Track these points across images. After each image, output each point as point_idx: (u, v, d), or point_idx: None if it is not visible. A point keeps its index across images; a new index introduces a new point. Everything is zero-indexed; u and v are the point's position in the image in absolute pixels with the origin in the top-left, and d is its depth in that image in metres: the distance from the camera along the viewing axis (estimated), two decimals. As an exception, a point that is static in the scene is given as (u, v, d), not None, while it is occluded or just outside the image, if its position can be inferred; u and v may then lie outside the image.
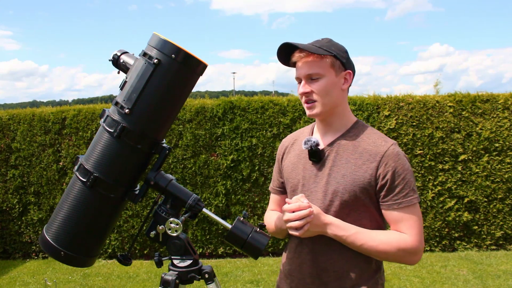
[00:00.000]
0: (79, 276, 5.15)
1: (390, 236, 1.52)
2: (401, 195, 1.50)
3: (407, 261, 1.54)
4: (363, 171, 1.52)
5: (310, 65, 1.54)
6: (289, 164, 1.70)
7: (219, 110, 5.66)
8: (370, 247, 1.50)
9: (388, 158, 1.51)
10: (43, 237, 1.52)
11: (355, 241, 1.50)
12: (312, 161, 1.61)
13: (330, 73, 1.55)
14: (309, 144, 1.59)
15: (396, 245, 1.49)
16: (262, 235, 1.47)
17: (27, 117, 5.97)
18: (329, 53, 1.54)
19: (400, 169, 1.51)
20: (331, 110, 1.58)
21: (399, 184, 1.50)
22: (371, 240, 1.50)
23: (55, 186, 5.90)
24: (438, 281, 4.72)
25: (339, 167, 1.56)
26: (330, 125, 1.62)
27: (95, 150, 1.45)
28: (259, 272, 5.12)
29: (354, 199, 1.52)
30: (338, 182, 1.54)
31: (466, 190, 5.65)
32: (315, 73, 1.54)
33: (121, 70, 1.55)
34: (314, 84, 1.55)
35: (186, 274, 1.49)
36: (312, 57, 1.54)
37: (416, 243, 1.50)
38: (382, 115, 5.67)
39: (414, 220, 1.52)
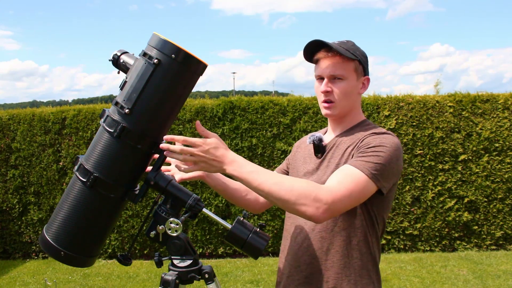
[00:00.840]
0: (79, 276, 5.15)
1: (296, 181, 1.37)
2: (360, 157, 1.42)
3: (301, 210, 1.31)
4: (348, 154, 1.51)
5: (336, 66, 1.56)
6: (300, 157, 1.73)
7: (219, 110, 5.66)
8: (264, 188, 1.33)
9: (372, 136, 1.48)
10: (43, 237, 1.52)
11: (252, 182, 1.34)
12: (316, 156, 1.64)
13: (352, 77, 1.58)
14: (312, 139, 1.62)
15: (303, 187, 1.33)
16: (262, 235, 1.47)
17: (27, 117, 5.97)
18: (355, 57, 1.56)
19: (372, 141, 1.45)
20: (346, 112, 1.61)
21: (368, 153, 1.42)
22: (266, 181, 1.33)
23: (55, 186, 5.90)
24: (438, 281, 4.72)
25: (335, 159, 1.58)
26: (339, 125, 1.65)
27: (95, 150, 1.45)
28: (259, 272, 5.12)
29: None
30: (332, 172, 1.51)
31: (466, 190, 5.65)
32: (340, 74, 1.56)
33: (121, 70, 1.54)
34: (336, 84, 1.57)
35: (186, 274, 1.49)
36: (339, 58, 1.56)
37: (329, 191, 1.32)
38: (382, 115, 5.67)
39: (347, 178, 1.36)
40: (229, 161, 1.37)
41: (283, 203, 1.34)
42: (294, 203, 1.31)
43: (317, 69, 1.62)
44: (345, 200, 1.35)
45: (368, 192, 1.40)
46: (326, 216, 1.32)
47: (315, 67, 1.65)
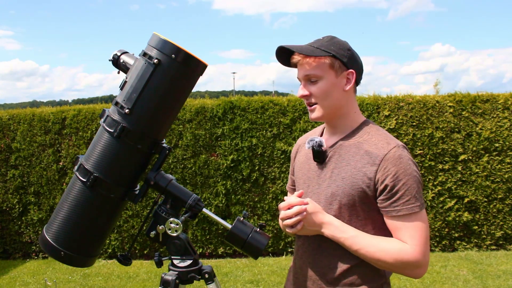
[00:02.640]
0: (79, 276, 5.15)
1: (391, 245, 1.42)
2: (400, 201, 1.40)
3: (408, 274, 1.44)
4: (362, 174, 1.44)
5: (307, 67, 1.49)
6: (299, 163, 1.67)
7: (219, 110, 5.66)
8: (367, 253, 1.42)
9: (387, 162, 1.42)
10: (43, 237, 1.52)
11: (352, 246, 1.43)
12: (316, 162, 1.57)
13: (329, 74, 1.48)
14: (311, 144, 1.54)
15: (395, 256, 1.40)
16: (262, 235, 1.47)
17: (27, 117, 5.97)
18: (327, 54, 1.46)
19: (401, 174, 1.40)
20: (333, 112, 1.52)
21: (399, 190, 1.40)
22: (369, 246, 1.42)
23: (55, 186, 5.90)
24: (438, 281, 4.72)
25: (339, 169, 1.50)
26: (335, 127, 1.56)
27: (95, 150, 1.45)
28: (259, 272, 5.12)
29: (352, 203, 1.46)
30: (337, 185, 1.48)
31: (466, 190, 5.65)
32: (313, 75, 1.48)
33: (121, 70, 1.55)
34: (313, 86, 1.49)
35: (186, 274, 1.49)
36: (309, 59, 1.48)
37: (417, 255, 1.39)
38: (382, 115, 5.67)
39: (416, 229, 1.40)
40: (325, 224, 1.45)
41: (385, 268, 1.47)
42: (398, 271, 1.45)
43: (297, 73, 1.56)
44: (428, 246, 1.44)
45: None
46: (425, 271, 1.45)
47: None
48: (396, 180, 1.40)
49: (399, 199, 1.40)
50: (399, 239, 1.43)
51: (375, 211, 1.47)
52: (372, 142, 1.49)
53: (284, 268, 5.21)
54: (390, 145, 1.46)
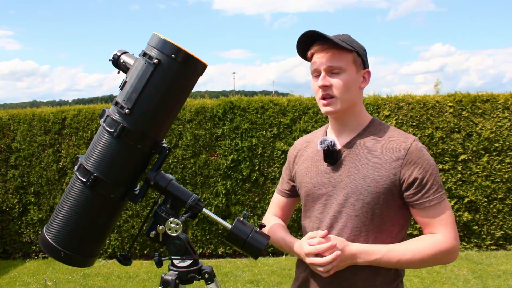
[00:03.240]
0: (79, 276, 5.15)
1: (424, 242, 1.45)
2: (431, 192, 1.43)
3: (445, 262, 1.48)
4: (385, 171, 1.44)
5: (333, 58, 1.46)
6: (303, 168, 1.61)
7: (219, 110, 5.66)
8: (406, 260, 1.43)
9: (412, 155, 1.44)
10: (43, 237, 1.52)
11: (390, 260, 1.43)
12: (327, 163, 1.53)
13: (352, 69, 1.48)
14: (326, 144, 1.50)
15: (432, 250, 1.43)
16: (262, 235, 1.47)
17: (27, 117, 5.97)
18: (352, 48, 1.47)
19: (427, 165, 1.44)
20: (348, 108, 1.50)
21: (428, 181, 1.43)
22: (405, 253, 1.43)
23: (55, 186, 5.90)
24: (438, 281, 4.72)
25: (358, 168, 1.47)
26: (346, 125, 1.54)
27: (95, 150, 1.45)
28: (259, 272, 5.12)
29: (377, 201, 1.44)
30: (359, 184, 1.46)
31: (466, 190, 5.65)
32: (337, 66, 1.46)
33: (121, 70, 1.54)
34: (335, 78, 1.46)
35: (186, 274, 1.49)
36: (335, 50, 1.46)
37: (452, 241, 1.44)
38: (382, 115, 5.67)
39: (447, 216, 1.45)
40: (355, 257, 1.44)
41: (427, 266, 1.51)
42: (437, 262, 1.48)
43: (312, 65, 1.52)
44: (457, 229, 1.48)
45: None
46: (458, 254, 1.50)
47: (310, 64, 1.54)
48: (424, 172, 1.43)
49: (429, 189, 1.43)
50: (431, 230, 1.46)
51: (396, 207, 1.48)
52: (388, 138, 1.50)
53: (284, 268, 5.21)
54: (409, 139, 1.48)
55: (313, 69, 1.52)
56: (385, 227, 1.48)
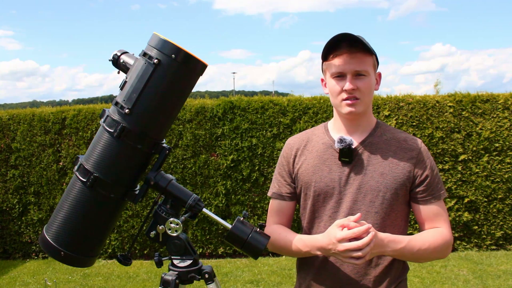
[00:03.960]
0: (79, 276, 5.15)
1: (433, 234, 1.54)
2: (436, 188, 1.55)
3: (445, 255, 1.58)
4: (402, 168, 1.52)
5: (359, 61, 1.49)
6: (308, 167, 1.59)
7: (219, 110, 5.66)
8: (425, 250, 1.49)
9: (423, 155, 1.55)
10: (43, 237, 1.52)
11: (412, 249, 1.48)
12: (342, 162, 1.54)
13: (372, 72, 1.53)
14: (347, 142, 1.51)
15: (441, 241, 1.53)
16: (262, 235, 1.47)
17: (27, 117, 5.97)
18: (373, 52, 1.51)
19: (433, 165, 1.57)
20: (366, 109, 1.56)
21: (435, 179, 1.55)
22: (423, 243, 1.50)
23: (55, 186, 5.90)
24: (438, 281, 4.72)
25: (375, 166, 1.53)
26: (359, 125, 1.58)
27: (95, 150, 1.45)
28: (259, 272, 5.12)
29: (395, 197, 1.52)
30: (377, 181, 1.51)
31: (466, 190, 5.65)
32: (363, 70, 1.49)
33: (121, 70, 1.54)
34: (360, 81, 1.49)
35: (186, 274, 1.49)
36: (361, 54, 1.48)
37: (451, 234, 1.57)
38: (382, 115, 5.67)
39: (446, 212, 1.59)
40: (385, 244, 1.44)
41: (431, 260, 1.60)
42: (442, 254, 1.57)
43: (335, 66, 1.50)
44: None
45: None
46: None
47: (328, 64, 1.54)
48: (431, 170, 1.55)
49: (436, 186, 1.55)
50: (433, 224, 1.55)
51: (405, 203, 1.56)
52: (399, 138, 1.58)
53: (284, 268, 5.21)
54: (417, 140, 1.59)
55: (335, 70, 1.51)
56: (398, 222, 1.55)
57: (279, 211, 1.68)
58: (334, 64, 1.51)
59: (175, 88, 1.43)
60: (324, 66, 1.57)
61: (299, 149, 1.65)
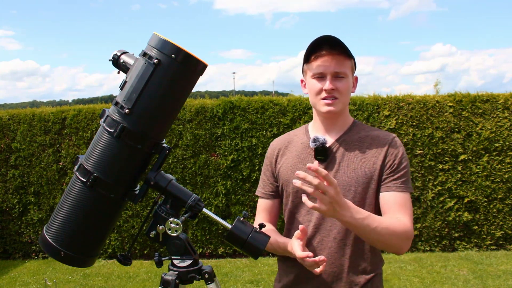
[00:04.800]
0: (79, 276, 5.15)
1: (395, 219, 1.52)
2: (402, 179, 1.57)
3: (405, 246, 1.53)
4: (372, 162, 1.58)
5: (340, 63, 1.57)
6: (288, 166, 1.69)
7: (219, 110, 5.66)
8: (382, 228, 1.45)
9: (393, 147, 1.60)
10: (43, 237, 1.52)
11: (370, 224, 1.44)
12: (318, 160, 1.62)
13: (350, 75, 1.62)
14: (320, 142, 1.60)
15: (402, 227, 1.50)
16: (262, 235, 1.47)
17: (27, 117, 5.97)
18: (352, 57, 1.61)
19: (404, 158, 1.60)
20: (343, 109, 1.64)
21: (402, 170, 1.57)
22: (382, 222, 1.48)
23: (55, 186, 5.90)
24: (438, 281, 4.72)
25: (348, 162, 1.60)
26: (335, 124, 1.66)
27: (95, 150, 1.45)
28: (259, 272, 5.12)
29: (367, 190, 1.57)
30: (349, 176, 1.58)
31: (466, 190, 5.65)
32: (343, 72, 1.58)
33: (121, 70, 1.54)
34: (339, 82, 1.58)
35: (186, 274, 1.49)
36: (341, 56, 1.58)
37: (411, 228, 1.55)
38: (382, 115, 5.67)
39: (408, 207, 1.57)
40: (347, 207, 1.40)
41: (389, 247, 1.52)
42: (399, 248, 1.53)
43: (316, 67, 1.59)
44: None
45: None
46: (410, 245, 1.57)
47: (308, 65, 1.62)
48: (400, 161, 1.58)
49: (401, 177, 1.57)
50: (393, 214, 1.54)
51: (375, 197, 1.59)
52: (373, 135, 1.64)
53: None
54: (390, 135, 1.65)
55: (317, 71, 1.60)
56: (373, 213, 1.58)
57: (264, 209, 1.82)
58: (315, 65, 1.60)
59: (175, 88, 1.43)
60: (305, 67, 1.67)
61: (280, 150, 1.76)
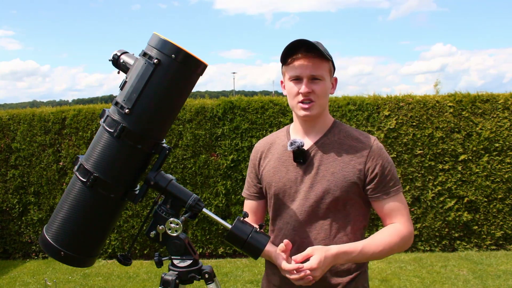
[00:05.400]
0: (79, 276, 5.15)
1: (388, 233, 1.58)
2: (389, 185, 1.59)
3: (404, 248, 1.62)
4: (352, 167, 1.59)
5: (315, 66, 1.57)
6: (270, 169, 1.70)
7: (219, 110, 5.66)
8: (379, 252, 1.55)
9: (374, 153, 1.60)
10: (43, 237, 1.52)
11: (366, 254, 1.54)
12: (297, 163, 1.63)
13: (328, 77, 1.61)
14: (296, 145, 1.60)
15: (397, 239, 1.57)
16: (262, 235, 1.47)
17: (27, 117, 5.97)
18: (330, 58, 1.61)
19: (386, 162, 1.60)
20: (321, 112, 1.64)
21: (387, 176, 1.59)
22: (377, 246, 1.55)
23: (55, 186, 5.90)
24: (438, 281, 4.72)
25: (327, 165, 1.60)
26: (314, 126, 1.66)
27: (95, 150, 1.45)
28: (259, 272, 5.12)
29: (345, 194, 1.58)
30: (328, 180, 1.59)
31: (466, 190, 5.65)
32: (319, 75, 1.58)
33: (121, 70, 1.54)
34: (315, 85, 1.58)
35: (186, 274, 1.49)
36: (317, 59, 1.58)
37: (409, 228, 1.60)
38: (382, 115, 5.67)
39: (403, 207, 1.61)
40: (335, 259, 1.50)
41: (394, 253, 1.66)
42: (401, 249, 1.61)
43: (292, 69, 1.60)
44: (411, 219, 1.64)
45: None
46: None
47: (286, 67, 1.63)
48: (383, 168, 1.59)
49: (388, 183, 1.59)
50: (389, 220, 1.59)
51: (360, 198, 1.61)
52: (352, 137, 1.64)
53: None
54: (370, 138, 1.65)
55: (294, 74, 1.61)
56: (350, 218, 1.61)
57: (249, 210, 1.82)
58: (292, 68, 1.61)
59: (175, 88, 1.43)
60: (283, 69, 1.67)
61: (263, 152, 1.76)
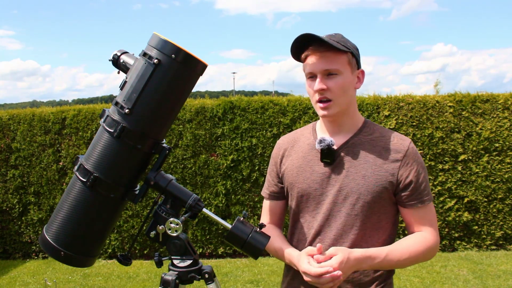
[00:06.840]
0: (79, 276, 5.15)
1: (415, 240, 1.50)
2: (424, 193, 1.50)
3: (429, 258, 1.55)
4: (385, 171, 1.47)
5: (329, 60, 1.44)
6: (293, 168, 1.59)
7: (219, 110, 5.66)
8: (404, 260, 1.47)
9: (409, 158, 1.49)
10: (43, 237, 1.52)
11: (391, 261, 1.46)
12: (324, 163, 1.52)
13: (347, 71, 1.47)
14: (326, 143, 1.49)
15: (423, 247, 1.49)
16: (262, 235, 1.47)
17: (27, 117, 5.97)
18: (348, 49, 1.46)
19: (421, 168, 1.50)
20: (344, 110, 1.50)
21: (422, 183, 1.49)
22: (402, 254, 1.47)
23: (55, 186, 5.90)
24: (438, 281, 4.72)
25: (357, 168, 1.49)
26: (341, 126, 1.54)
27: (95, 150, 1.45)
28: (259, 272, 5.12)
29: (377, 200, 1.47)
30: (358, 184, 1.47)
31: (466, 190, 5.65)
32: (334, 69, 1.45)
33: (121, 70, 1.54)
34: (331, 81, 1.45)
35: (186, 274, 1.49)
36: (331, 52, 1.44)
37: (437, 238, 1.53)
38: (382, 115, 5.67)
39: (433, 216, 1.54)
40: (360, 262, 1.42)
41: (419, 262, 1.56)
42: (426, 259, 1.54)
43: (307, 67, 1.50)
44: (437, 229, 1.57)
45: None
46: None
47: (304, 65, 1.52)
48: (418, 174, 1.49)
49: (423, 191, 1.49)
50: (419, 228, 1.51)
51: (391, 205, 1.52)
52: (386, 139, 1.52)
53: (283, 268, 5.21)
54: (405, 141, 1.52)
55: (307, 71, 1.50)
56: (381, 225, 1.51)
57: (270, 211, 1.71)
58: (306, 65, 1.51)
59: (175, 88, 1.43)
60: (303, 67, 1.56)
61: (286, 150, 1.65)
